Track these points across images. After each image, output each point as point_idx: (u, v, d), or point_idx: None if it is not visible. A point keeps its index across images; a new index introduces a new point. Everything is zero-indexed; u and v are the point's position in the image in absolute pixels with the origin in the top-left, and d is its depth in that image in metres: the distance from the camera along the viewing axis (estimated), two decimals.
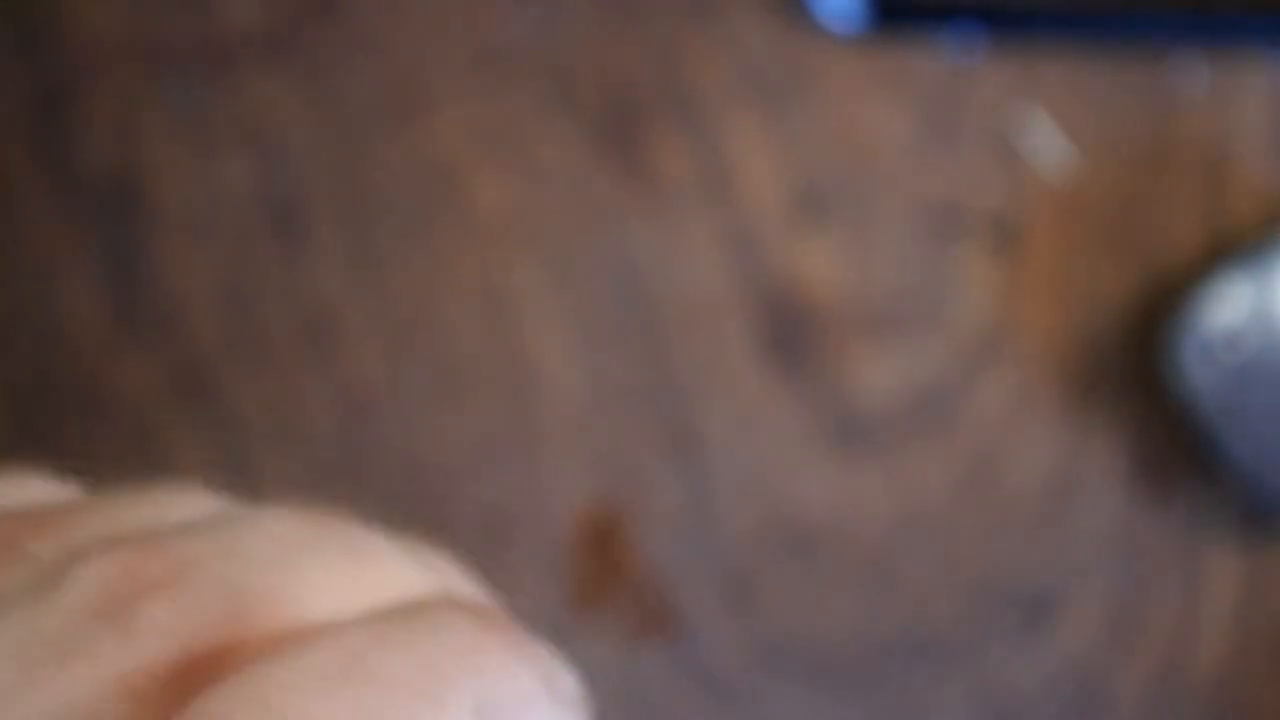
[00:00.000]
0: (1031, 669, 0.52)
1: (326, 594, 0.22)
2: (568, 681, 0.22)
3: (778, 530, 0.52)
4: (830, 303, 0.51)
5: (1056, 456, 0.51)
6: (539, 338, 0.51)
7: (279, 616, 0.21)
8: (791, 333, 0.51)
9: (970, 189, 0.50)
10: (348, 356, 0.51)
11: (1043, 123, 0.50)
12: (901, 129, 0.50)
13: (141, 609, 0.21)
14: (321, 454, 0.52)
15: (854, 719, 0.52)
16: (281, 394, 0.52)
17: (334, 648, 0.21)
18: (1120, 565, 0.51)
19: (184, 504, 0.24)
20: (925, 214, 0.51)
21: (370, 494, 0.52)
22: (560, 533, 0.52)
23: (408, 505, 0.52)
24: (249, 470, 0.52)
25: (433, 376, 0.52)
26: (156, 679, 0.20)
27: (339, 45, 0.51)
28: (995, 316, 0.51)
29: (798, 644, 0.52)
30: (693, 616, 0.52)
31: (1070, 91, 0.50)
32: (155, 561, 0.21)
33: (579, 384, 0.51)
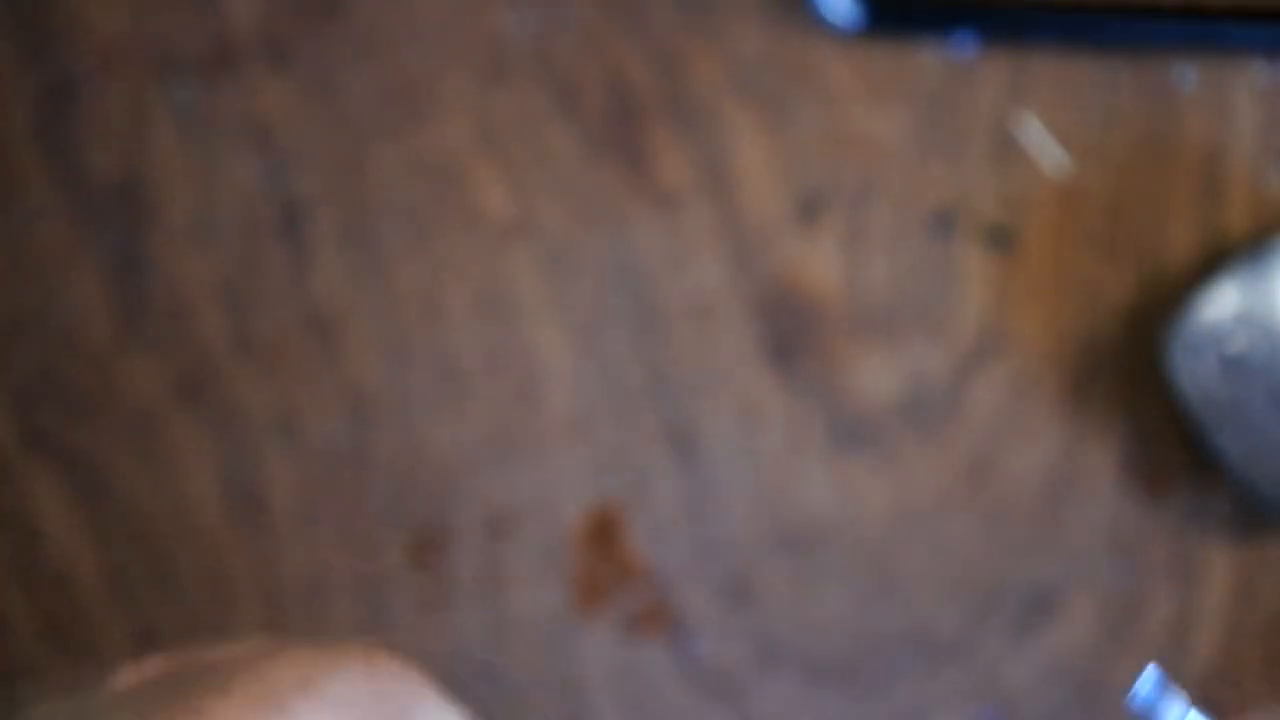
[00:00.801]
0: (1028, 666, 0.52)
1: None
2: None
3: (776, 529, 0.52)
4: (829, 302, 0.51)
5: (1053, 456, 0.51)
6: (539, 338, 0.52)
7: None
8: (790, 332, 0.51)
9: (968, 189, 0.51)
10: (351, 356, 0.52)
11: (1039, 124, 0.51)
12: (899, 130, 0.51)
13: None
14: (325, 453, 0.52)
15: (852, 716, 0.52)
16: (285, 394, 0.52)
17: None
18: (1116, 563, 0.52)
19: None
20: (923, 214, 0.51)
21: (373, 493, 0.52)
22: (561, 531, 0.52)
23: (410, 504, 0.52)
24: (253, 470, 0.52)
25: (434, 376, 0.52)
26: None
27: (342, 47, 0.51)
28: (992, 317, 0.51)
29: (796, 642, 0.52)
30: (692, 614, 0.52)
31: (1066, 93, 0.50)
32: None
33: (579, 384, 0.52)
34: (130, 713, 0.29)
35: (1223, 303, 0.48)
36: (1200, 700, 0.52)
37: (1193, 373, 0.48)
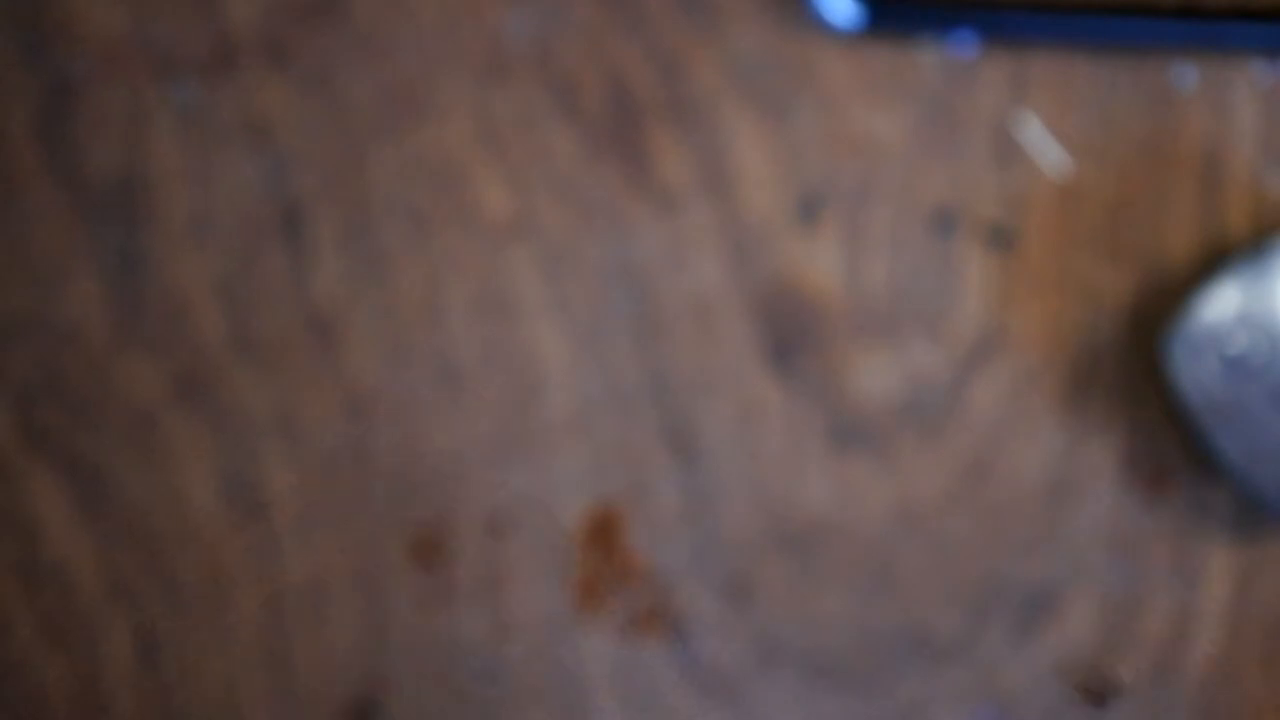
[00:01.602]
0: (1028, 666, 0.52)
1: None
2: None
3: (776, 529, 0.52)
4: (829, 303, 0.51)
5: (1053, 456, 0.51)
6: (539, 338, 0.52)
7: None
8: (790, 333, 0.51)
9: (968, 190, 0.51)
10: (350, 356, 0.52)
11: (1039, 124, 0.51)
12: (900, 130, 0.51)
13: None
14: (325, 453, 0.52)
15: (852, 716, 0.52)
16: (285, 394, 0.52)
17: None
18: (1116, 563, 0.52)
19: None
20: (923, 214, 0.51)
21: (373, 493, 0.52)
22: (560, 532, 0.52)
23: (410, 504, 0.52)
24: (253, 470, 0.52)
25: (434, 376, 0.52)
26: None
27: (341, 47, 0.51)
28: (992, 317, 0.51)
29: (796, 642, 0.52)
30: (691, 615, 0.52)
31: (1066, 93, 0.50)
32: None
33: (579, 384, 0.52)
34: None
35: (1223, 303, 0.48)
36: (1200, 700, 0.52)
37: (1193, 373, 0.48)
